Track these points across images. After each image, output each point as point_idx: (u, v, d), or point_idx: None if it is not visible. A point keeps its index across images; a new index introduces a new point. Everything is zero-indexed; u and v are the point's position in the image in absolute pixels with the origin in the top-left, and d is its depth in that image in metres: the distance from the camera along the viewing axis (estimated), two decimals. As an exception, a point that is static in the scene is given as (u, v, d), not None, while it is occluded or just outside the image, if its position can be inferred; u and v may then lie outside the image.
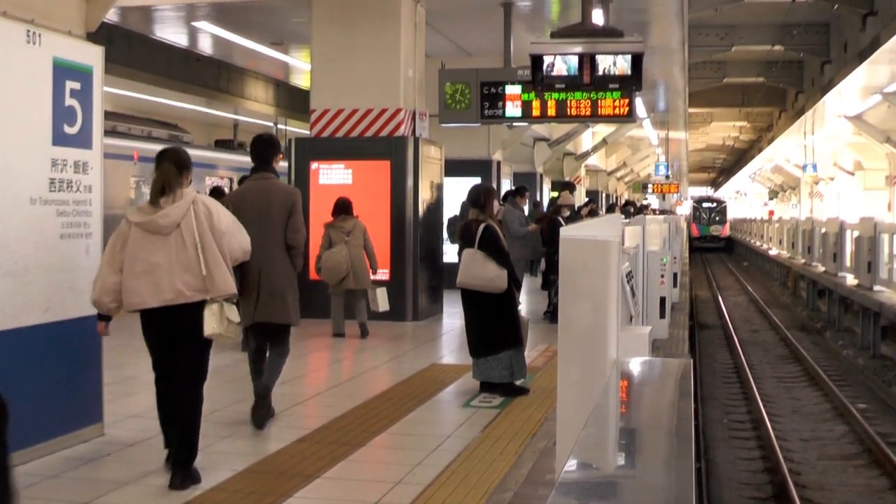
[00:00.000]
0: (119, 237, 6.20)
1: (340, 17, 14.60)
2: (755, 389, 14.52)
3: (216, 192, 12.91)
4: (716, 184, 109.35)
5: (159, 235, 6.11)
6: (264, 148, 8.24)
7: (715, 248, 58.66)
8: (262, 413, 7.80)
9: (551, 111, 14.50)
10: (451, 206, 16.55)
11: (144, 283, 6.08)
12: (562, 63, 10.81)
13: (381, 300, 12.75)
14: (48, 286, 6.78)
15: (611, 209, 31.12)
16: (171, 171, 6.26)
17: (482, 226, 9.09)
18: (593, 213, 18.43)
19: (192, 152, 6.49)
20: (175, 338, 6.22)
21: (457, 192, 16.79)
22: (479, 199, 9.27)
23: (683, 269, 23.00)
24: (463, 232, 9.32)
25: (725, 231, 61.74)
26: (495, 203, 9.53)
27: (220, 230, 6.30)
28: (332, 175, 14.41)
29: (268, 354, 8.05)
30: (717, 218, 61.86)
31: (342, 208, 12.52)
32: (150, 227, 6.12)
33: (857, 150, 42.60)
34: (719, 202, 65.20)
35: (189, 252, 6.12)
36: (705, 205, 63.69)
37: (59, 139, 6.86)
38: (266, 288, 7.80)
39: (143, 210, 6.25)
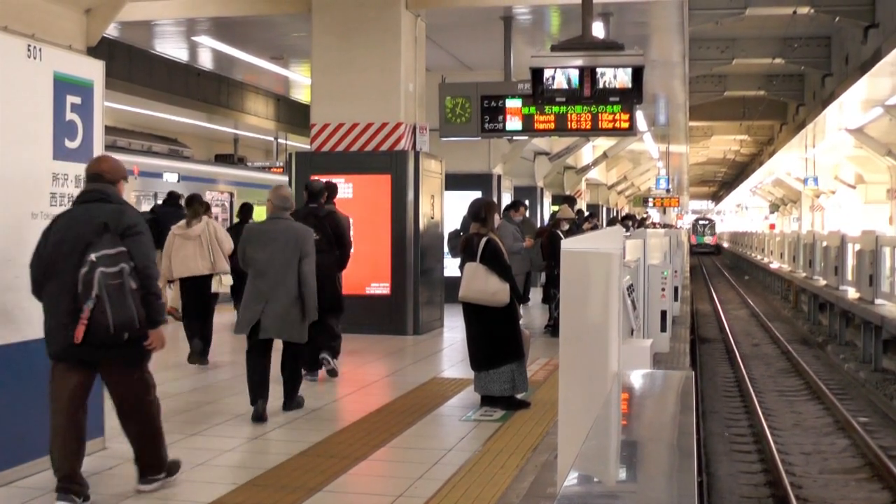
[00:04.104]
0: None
1: (341, 31, 14.62)
2: (756, 403, 14.48)
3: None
4: (716, 197, 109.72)
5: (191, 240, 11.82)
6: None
7: (708, 252, 78.30)
8: None
9: (552, 125, 14.50)
10: (452, 220, 16.55)
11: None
12: (562, 76, 10.79)
13: None
14: (49, 300, 6.76)
15: (612, 223, 31.15)
16: (199, 209, 12.02)
17: (484, 239, 9.08)
18: (594, 229, 18.42)
19: (191, 167, 6.95)
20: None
21: (457, 206, 16.78)
22: (479, 213, 9.27)
23: (684, 282, 22.99)
24: (465, 246, 9.31)
25: (714, 240, 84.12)
26: (496, 217, 9.53)
27: (220, 239, 11.91)
28: (332, 189, 14.39)
29: None
30: (709, 231, 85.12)
31: None
32: (188, 236, 11.78)
33: (859, 163, 42.63)
34: (710, 220, 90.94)
35: (204, 248, 11.77)
36: (700, 222, 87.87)
37: (60, 153, 6.86)
38: None
39: (181, 227, 11.89)
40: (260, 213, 15.74)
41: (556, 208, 22.95)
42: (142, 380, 6.25)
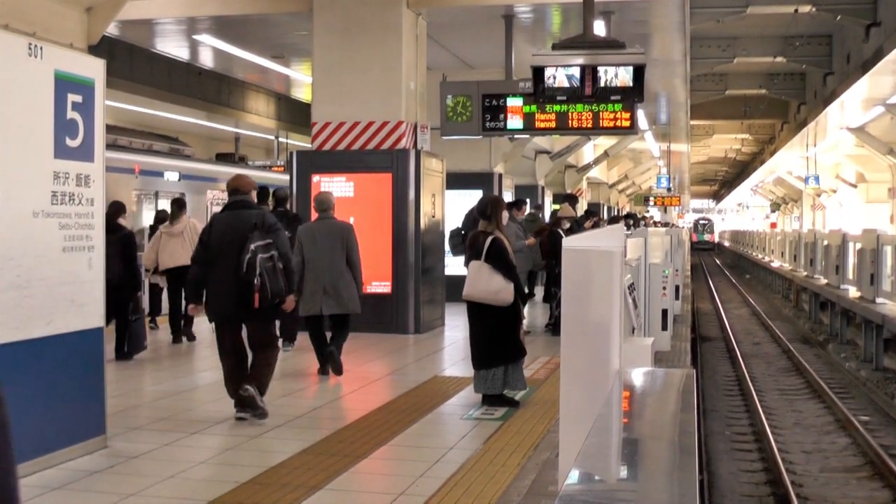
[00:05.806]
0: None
1: (342, 29, 14.61)
2: (757, 402, 14.49)
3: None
4: (717, 196, 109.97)
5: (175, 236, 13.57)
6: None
7: (707, 248, 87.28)
8: None
9: (553, 123, 14.49)
10: (453, 219, 16.55)
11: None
12: (563, 75, 10.80)
13: None
14: (51, 299, 6.77)
15: (613, 221, 31.20)
16: (178, 211, 13.79)
17: (490, 238, 9.06)
18: (596, 226, 18.39)
19: (192, 166, 7.11)
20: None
21: (458, 204, 16.79)
22: (486, 210, 9.25)
23: (685, 281, 22.98)
24: (471, 243, 9.30)
25: (713, 238, 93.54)
26: (504, 214, 9.51)
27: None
28: (333, 188, 14.35)
29: None
30: (708, 230, 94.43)
31: None
32: (173, 233, 13.58)
33: (860, 162, 42.61)
34: (710, 220, 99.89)
35: (187, 242, 13.07)
36: (701, 221, 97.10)
37: (61, 152, 6.85)
38: None
39: (167, 226, 13.67)
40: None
41: (556, 207, 22.95)
42: (269, 330, 8.66)
